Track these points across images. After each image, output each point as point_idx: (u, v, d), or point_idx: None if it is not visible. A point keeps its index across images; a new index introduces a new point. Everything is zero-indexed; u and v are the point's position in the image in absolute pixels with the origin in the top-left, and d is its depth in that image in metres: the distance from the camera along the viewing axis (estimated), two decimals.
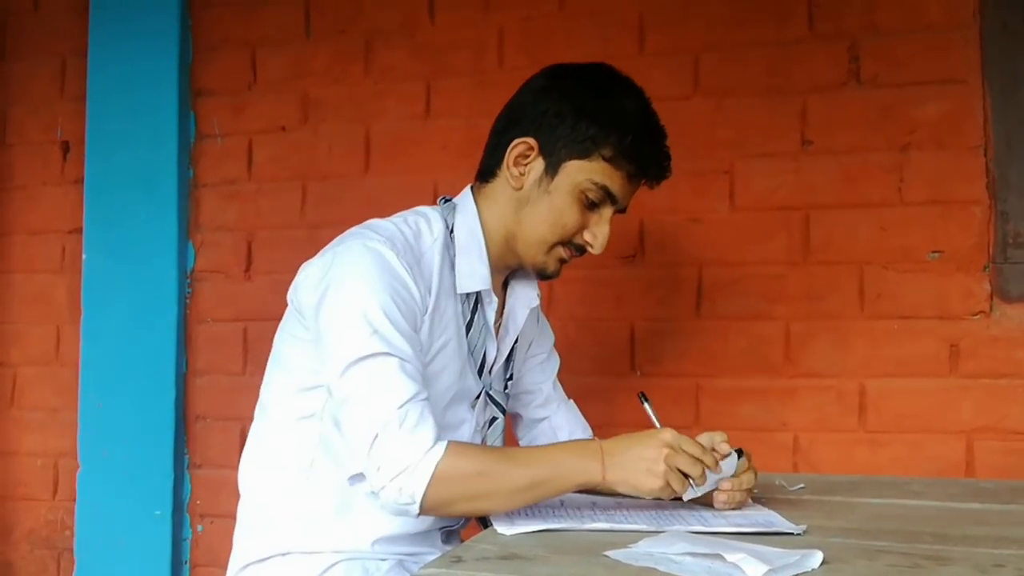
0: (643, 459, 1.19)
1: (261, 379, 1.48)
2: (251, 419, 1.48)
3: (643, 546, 1.04)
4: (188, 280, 2.50)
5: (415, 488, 1.19)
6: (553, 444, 1.54)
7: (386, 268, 1.30)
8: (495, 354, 1.47)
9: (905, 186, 2.00)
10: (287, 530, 1.38)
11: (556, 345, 1.72)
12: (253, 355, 2.41)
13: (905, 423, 1.98)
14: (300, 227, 2.40)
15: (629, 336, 2.17)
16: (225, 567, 1.45)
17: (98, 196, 2.51)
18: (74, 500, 2.49)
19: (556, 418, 1.65)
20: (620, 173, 1.38)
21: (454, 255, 1.41)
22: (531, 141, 1.39)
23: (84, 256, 2.52)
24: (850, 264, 2.03)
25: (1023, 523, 1.26)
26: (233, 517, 1.46)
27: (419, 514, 1.22)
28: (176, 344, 2.45)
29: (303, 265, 1.41)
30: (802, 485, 1.52)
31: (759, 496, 1.38)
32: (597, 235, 1.40)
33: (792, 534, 1.14)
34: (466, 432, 1.45)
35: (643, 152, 1.38)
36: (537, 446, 1.54)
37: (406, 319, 1.29)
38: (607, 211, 1.40)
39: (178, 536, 2.44)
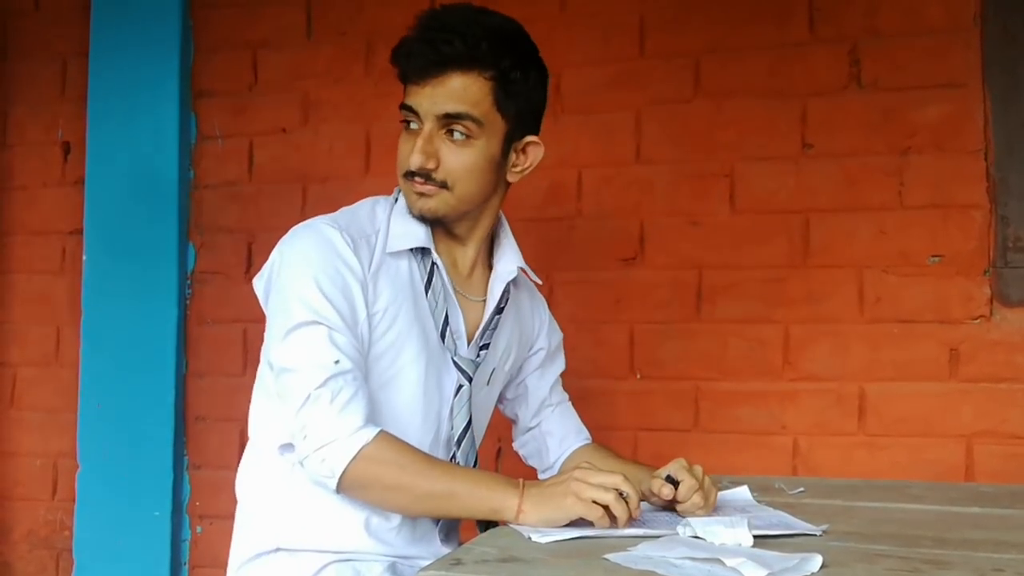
0: (556, 494, 1.19)
1: None
2: None
3: (642, 549, 1.04)
4: (188, 281, 2.50)
5: (337, 463, 1.24)
6: (481, 470, 1.50)
7: (323, 244, 1.34)
8: (461, 319, 1.46)
9: (905, 190, 2.01)
10: (281, 528, 1.38)
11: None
12: (253, 356, 2.37)
13: (905, 427, 1.98)
14: None
15: (629, 339, 2.17)
16: (224, 567, 1.45)
17: (99, 197, 2.52)
18: (73, 501, 2.49)
19: (546, 424, 1.65)
20: (404, 82, 1.37)
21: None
22: None
23: (84, 257, 2.52)
24: (850, 268, 2.03)
25: (1022, 527, 1.26)
26: (232, 518, 1.46)
27: (336, 490, 1.26)
28: (176, 345, 2.45)
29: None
30: (802, 489, 1.52)
31: (761, 500, 1.38)
32: (412, 150, 1.36)
33: (813, 535, 1.14)
34: (435, 400, 1.43)
35: (400, 43, 1.36)
36: (465, 466, 1.49)
37: (341, 292, 1.32)
38: (426, 126, 1.35)
39: (177, 537, 2.44)
